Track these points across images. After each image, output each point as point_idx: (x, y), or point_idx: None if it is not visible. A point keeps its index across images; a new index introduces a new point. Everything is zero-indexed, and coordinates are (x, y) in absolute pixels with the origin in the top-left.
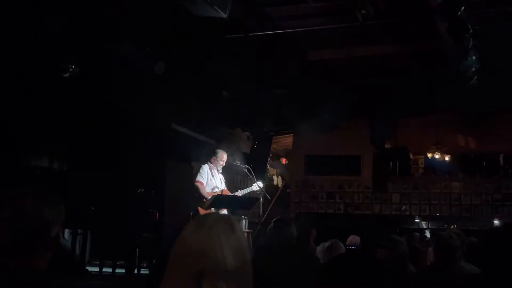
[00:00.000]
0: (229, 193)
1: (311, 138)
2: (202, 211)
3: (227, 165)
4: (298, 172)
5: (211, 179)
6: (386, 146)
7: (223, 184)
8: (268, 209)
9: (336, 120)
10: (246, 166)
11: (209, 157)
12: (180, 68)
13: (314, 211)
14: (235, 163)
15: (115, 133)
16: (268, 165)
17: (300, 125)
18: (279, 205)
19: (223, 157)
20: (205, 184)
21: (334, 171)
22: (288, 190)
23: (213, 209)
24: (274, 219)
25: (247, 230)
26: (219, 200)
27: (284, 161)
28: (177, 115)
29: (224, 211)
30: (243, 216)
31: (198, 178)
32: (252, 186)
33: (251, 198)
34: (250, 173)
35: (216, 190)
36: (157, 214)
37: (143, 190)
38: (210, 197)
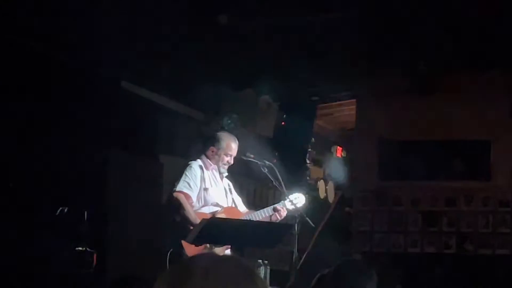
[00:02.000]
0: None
1: (391, 107)
2: (189, 249)
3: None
4: (366, 174)
5: (209, 189)
6: None
7: (232, 198)
8: (310, 246)
9: (442, 71)
10: (267, 162)
11: (203, 147)
12: None
13: (398, 249)
14: (245, 158)
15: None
16: (308, 161)
17: (372, 81)
18: (330, 237)
19: (230, 147)
20: (195, 198)
21: (439, 172)
22: (347, 210)
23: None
24: (336, 265)
25: None
26: (213, 227)
27: (339, 152)
28: (132, 66)
29: (227, 251)
30: (260, 261)
31: (180, 186)
32: (282, 204)
33: (277, 225)
34: (275, 176)
35: (217, 209)
36: (95, 256)
37: (66, 210)
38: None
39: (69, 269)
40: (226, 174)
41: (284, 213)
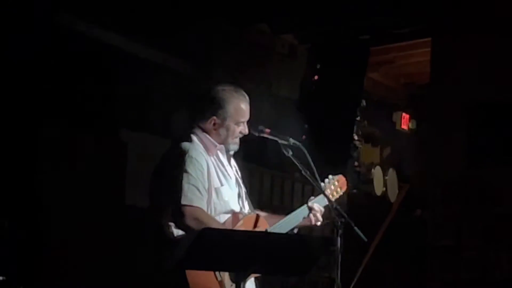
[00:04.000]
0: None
1: (487, 51)
2: (193, 279)
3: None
4: (449, 157)
5: (220, 189)
6: None
7: (241, 196)
8: (360, 272)
9: None
10: (292, 140)
11: (196, 117)
12: None
13: (501, 275)
14: (257, 134)
15: None
16: (356, 136)
17: (457, 11)
18: (392, 257)
19: (240, 111)
20: (205, 206)
21: None
22: (418, 212)
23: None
24: None
25: None
26: (207, 244)
27: (405, 121)
28: None
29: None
30: None
31: (187, 195)
32: (318, 201)
33: (310, 239)
34: (304, 162)
35: (228, 217)
36: None
37: None
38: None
39: None
40: (236, 149)
41: (320, 216)
